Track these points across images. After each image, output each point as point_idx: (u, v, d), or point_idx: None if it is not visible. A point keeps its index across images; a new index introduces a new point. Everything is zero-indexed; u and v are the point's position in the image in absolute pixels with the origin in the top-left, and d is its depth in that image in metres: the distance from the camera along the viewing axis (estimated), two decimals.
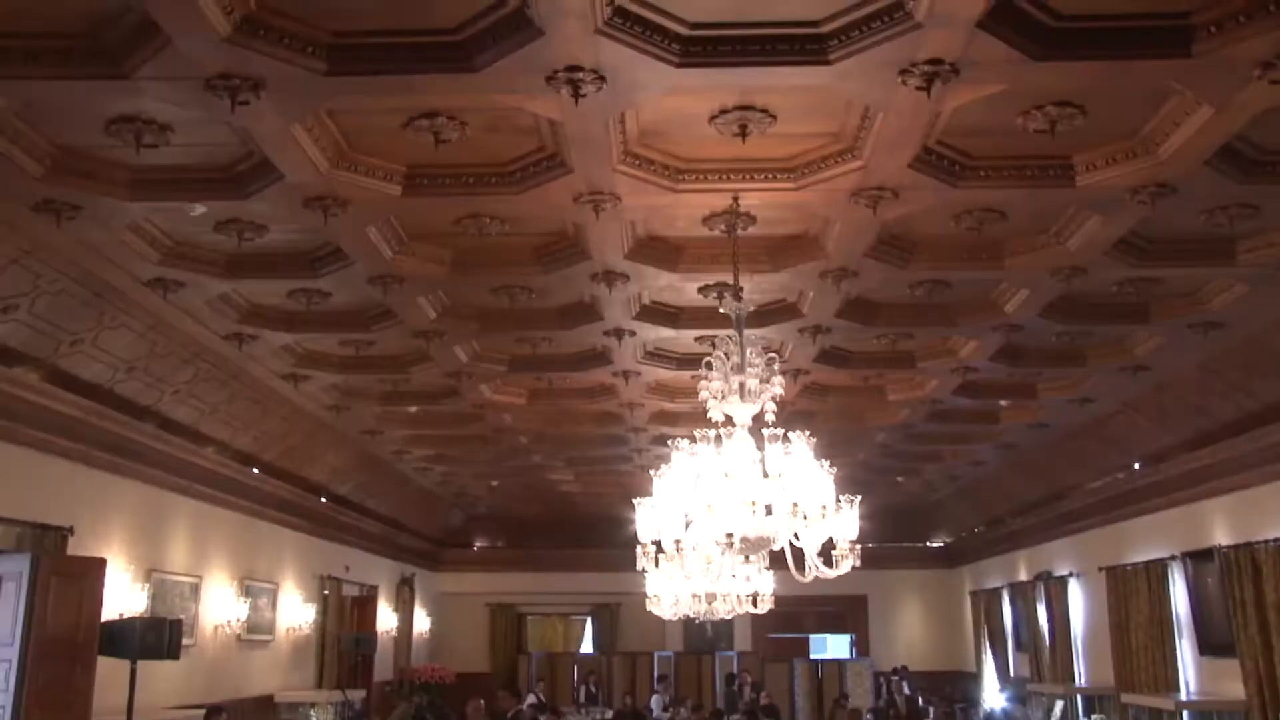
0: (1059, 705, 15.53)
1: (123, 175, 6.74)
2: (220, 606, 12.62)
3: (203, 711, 10.66)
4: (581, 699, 20.65)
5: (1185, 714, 11.97)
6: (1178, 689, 12.52)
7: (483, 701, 11.72)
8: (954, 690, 19.76)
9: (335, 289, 8.76)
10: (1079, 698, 15.09)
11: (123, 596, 10.22)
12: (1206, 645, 12.12)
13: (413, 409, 13.14)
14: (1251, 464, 10.86)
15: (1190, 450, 11.84)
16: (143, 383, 9.88)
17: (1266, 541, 10.57)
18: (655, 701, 18.39)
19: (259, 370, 10.97)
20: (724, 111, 5.99)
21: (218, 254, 8.15)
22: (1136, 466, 13.33)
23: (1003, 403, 12.69)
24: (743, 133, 6.09)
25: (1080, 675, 15.65)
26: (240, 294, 9.11)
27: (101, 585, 8.81)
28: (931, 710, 17.89)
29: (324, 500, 15.58)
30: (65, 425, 9.20)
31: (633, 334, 9.97)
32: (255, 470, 13.05)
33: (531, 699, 18.21)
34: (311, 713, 14.42)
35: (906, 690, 19.54)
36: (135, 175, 6.74)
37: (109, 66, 5.30)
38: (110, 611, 9.47)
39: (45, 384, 8.75)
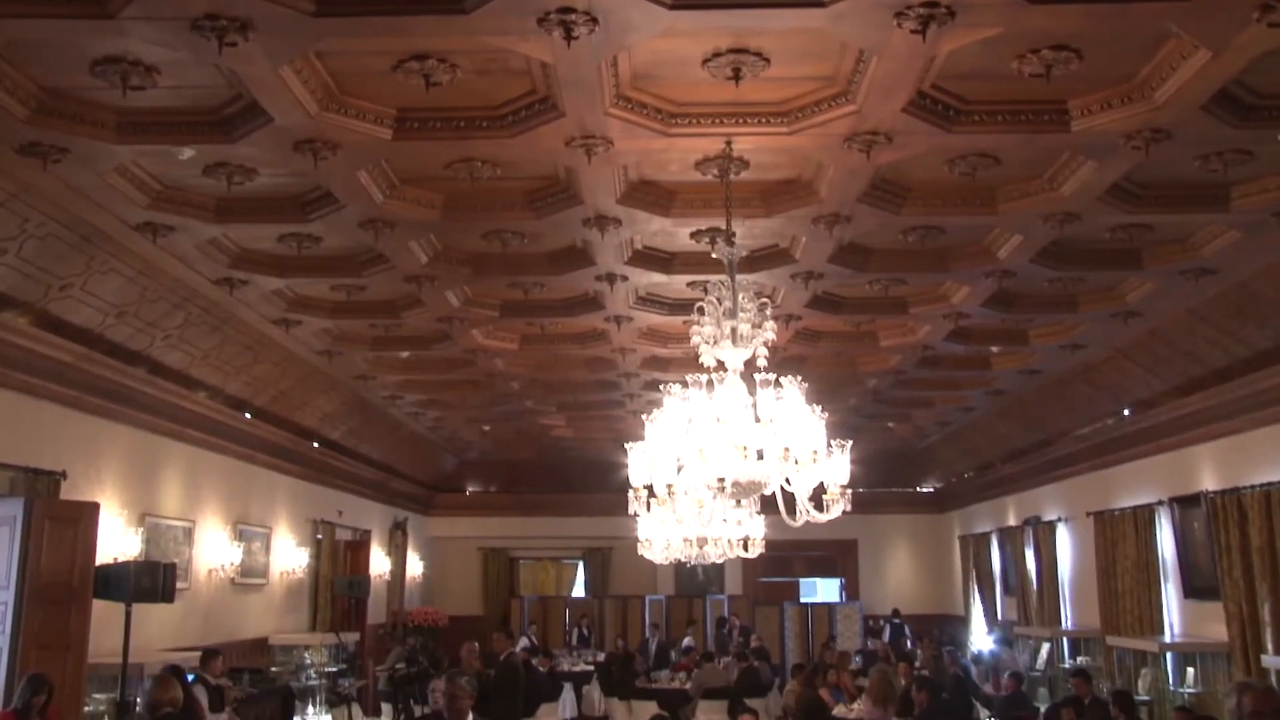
0: (1045, 648, 15.74)
1: (109, 117, 6.67)
2: (214, 550, 12.68)
3: (198, 654, 10.74)
4: (574, 642, 20.86)
5: (1169, 656, 12.14)
6: (1162, 632, 12.69)
7: (476, 644, 11.81)
8: (941, 633, 19.98)
9: (326, 233, 8.72)
10: (1065, 641, 15.29)
11: (117, 540, 10.26)
12: (1191, 589, 12.27)
13: (404, 354, 13.13)
14: (1240, 410, 10.93)
15: (1180, 396, 11.91)
16: (133, 328, 9.84)
17: (1253, 487, 10.67)
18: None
19: (250, 315, 10.94)
20: (717, 55, 5.94)
21: (207, 198, 8.09)
22: (1126, 412, 13.40)
23: (994, 349, 12.71)
24: (736, 76, 6.04)
25: (1066, 618, 15.84)
26: (230, 238, 9.06)
27: (95, 529, 8.84)
28: (919, 652, 18.08)
29: (316, 445, 15.61)
30: (56, 370, 9.19)
31: (625, 279, 9.95)
32: (247, 415, 13.06)
33: (524, 642, 18.42)
34: (306, 655, 14.55)
35: (895, 633, 19.80)
36: (122, 117, 6.68)
37: (93, 5, 5.24)
38: (104, 555, 9.51)
39: (35, 329, 8.71)
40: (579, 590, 24.14)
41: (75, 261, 8.51)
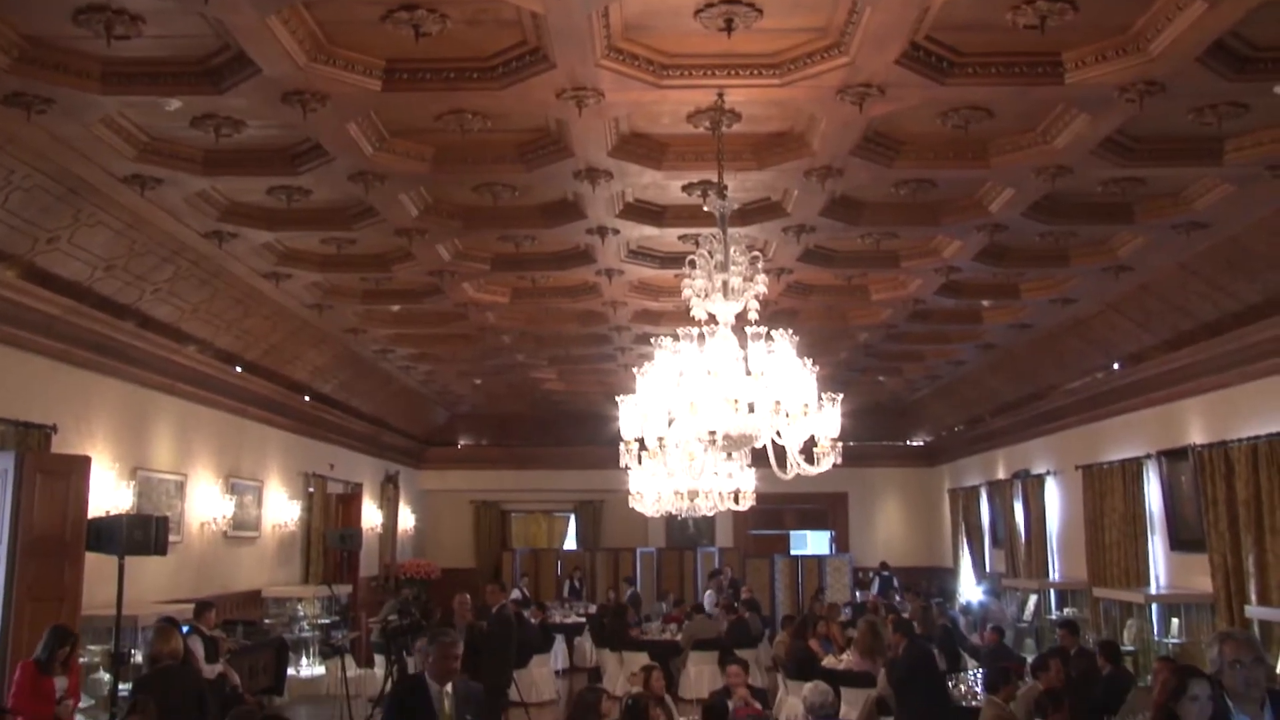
0: (1033, 599, 15.89)
1: (94, 67, 6.59)
2: (206, 504, 12.72)
3: (192, 606, 10.79)
4: (566, 594, 21.01)
5: (1154, 607, 12.27)
6: (1148, 583, 12.82)
7: (469, 596, 11.89)
8: (929, 585, 20.15)
9: (316, 186, 8.66)
10: (1052, 592, 15.44)
11: (109, 494, 10.28)
12: (1177, 541, 12.39)
13: (395, 308, 13.10)
14: (1229, 364, 10.97)
15: (1169, 351, 11.95)
16: (122, 281, 9.80)
17: (1240, 440, 10.74)
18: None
19: (240, 269, 10.89)
20: (709, 5, 5.88)
21: (195, 150, 8.02)
22: (1116, 367, 13.44)
23: (985, 303, 12.72)
24: (728, 27, 5.99)
25: (1054, 570, 15.98)
26: (219, 191, 8.99)
27: (87, 482, 8.86)
28: (907, 604, 18.24)
29: (307, 399, 15.62)
30: (45, 323, 9.16)
31: (616, 232, 9.92)
32: (238, 369, 13.04)
33: (516, 594, 18.54)
34: (299, 607, 14.64)
35: (884, 586, 19.97)
36: (107, 68, 6.60)
37: None
38: (96, 509, 9.53)
39: (23, 281, 8.67)
40: (570, 543, 24.28)
41: (62, 214, 8.45)
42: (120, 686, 9.04)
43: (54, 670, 7.61)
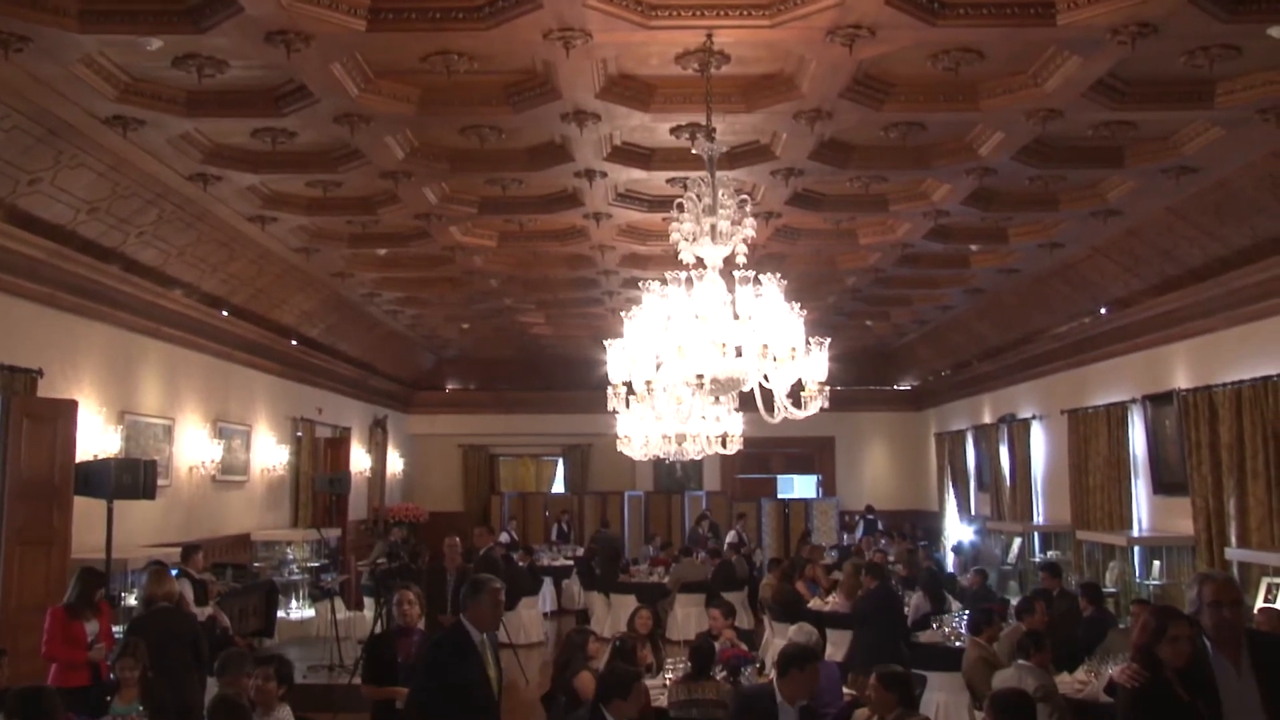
0: (1017, 542, 16.05)
1: (71, 4, 6.47)
2: (194, 448, 12.72)
3: (176, 548, 10.83)
4: (555, 537, 21.15)
5: (1136, 549, 12.41)
6: (1131, 526, 12.95)
7: (458, 539, 11.95)
8: (913, 528, 20.33)
9: (300, 128, 8.57)
10: (1036, 535, 15.59)
11: (96, 438, 10.27)
12: (1160, 484, 12.50)
13: (382, 251, 13.03)
14: (1215, 309, 11.01)
15: (1156, 295, 11.97)
16: (106, 224, 9.72)
17: (1225, 384, 10.81)
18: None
19: (225, 212, 10.80)
20: None
21: (177, 91, 7.92)
22: (1103, 311, 13.48)
23: (973, 247, 12.71)
24: None
25: (1038, 514, 16.13)
26: (202, 133, 8.89)
27: (74, 426, 8.86)
28: (892, 547, 18.43)
29: (294, 343, 15.58)
30: (28, 267, 9.09)
31: (604, 175, 9.86)
32: (224, 313, 12.99)
33: (504, 537, 18.66)
34: (288, 550, 14.71)
35: (869, 529, 20.15)
36: (84, 4, 6.48)
37: None
38: (84, 453, 9.54)
39: (5, 224, 8.59)
40: (558, 486, 24.40)
41: (43, 155, 8.36)
42: (113, 629, 9.09)
43: (84, 615, 7.64)
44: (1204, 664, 4.83)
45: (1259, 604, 9.54)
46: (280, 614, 13.61)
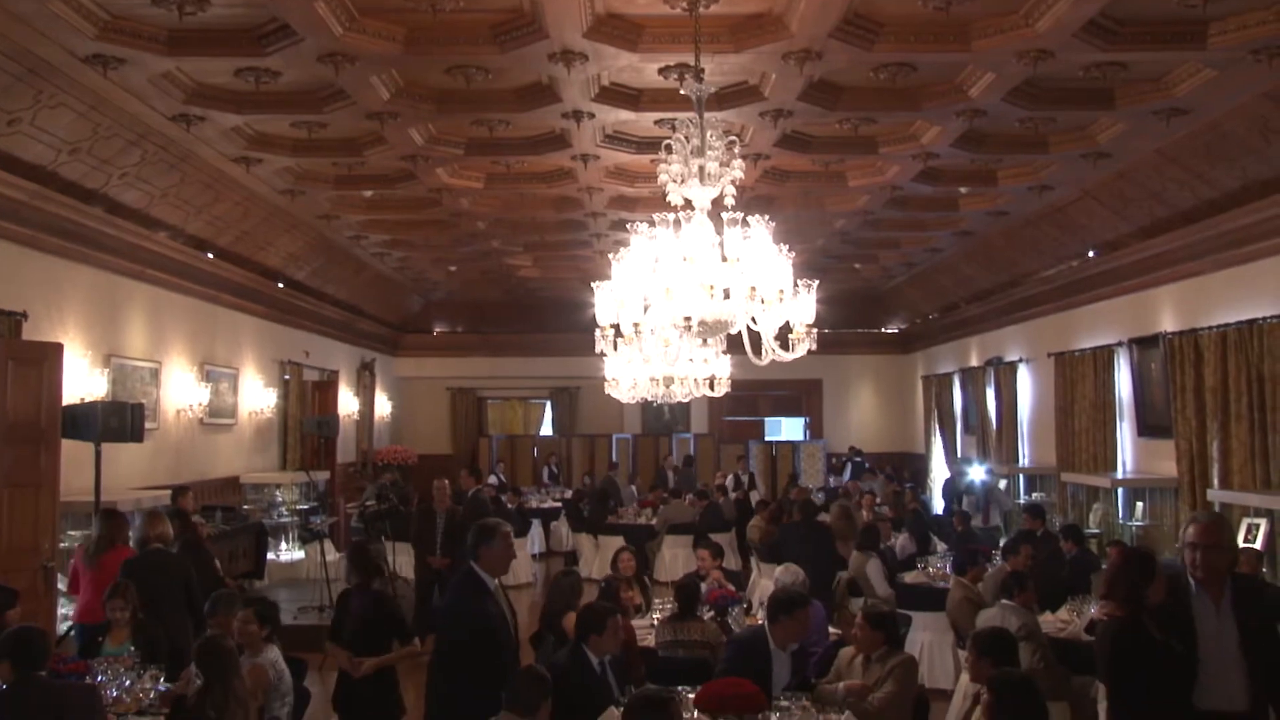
0: (1002, 484, 16.18)
1: None
2: (181, 391, 12.70)
3: (165, 491, 10.86)
4: (546, 479, 21.24)
5: (1120, 491, 12.53)
6: (1115, 468, 13.06)
7: (447, 481, 12.00)
8: (899, 470, 20.46)
9: (284, 68, 8.46)
10: (1021, 477, 15.71)
11: (83, 381, 10.24)
12: (1145, 427, 12.58)
13: (368, 193, 12.94)
14: (1203, 252, 11.02)
15: (1144, 238, 11.98)
16: (88, 165, 9.61)
17: (1210, 328, 10.85)
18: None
19: (209, 153, 10.69)
20: None
21: (158, 29, 7.79)
22: (1091, 254, 13.48)
23: (962, 189, 12.68)
24: None
25: (1024, 456, 16.24)
26: (184, 72, 8.77)
27: (60, 369, 8.81)
28: (874, 485, 18.57)
29: (281, 286, 15.51)
30: (10, 208, 8.99)
31: (591, 116, 9.78)
32: (210, 255, 12.91)
33: (493, 479, 18.74)
34: (277, 493, 14.75)
35: (856, 471, 20.29)
36: None
37: None
38: (71, 396, 9.51)
39: None
40: (547, 429, 24.47)
41: (22, 95, 8.23)
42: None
43: (106, 555, 7.76)
44: (1184, 602, 4.90)
45: (1239, 544, 9.66)
46: (270, 556, 13.70)
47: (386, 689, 6.89)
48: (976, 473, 16.68)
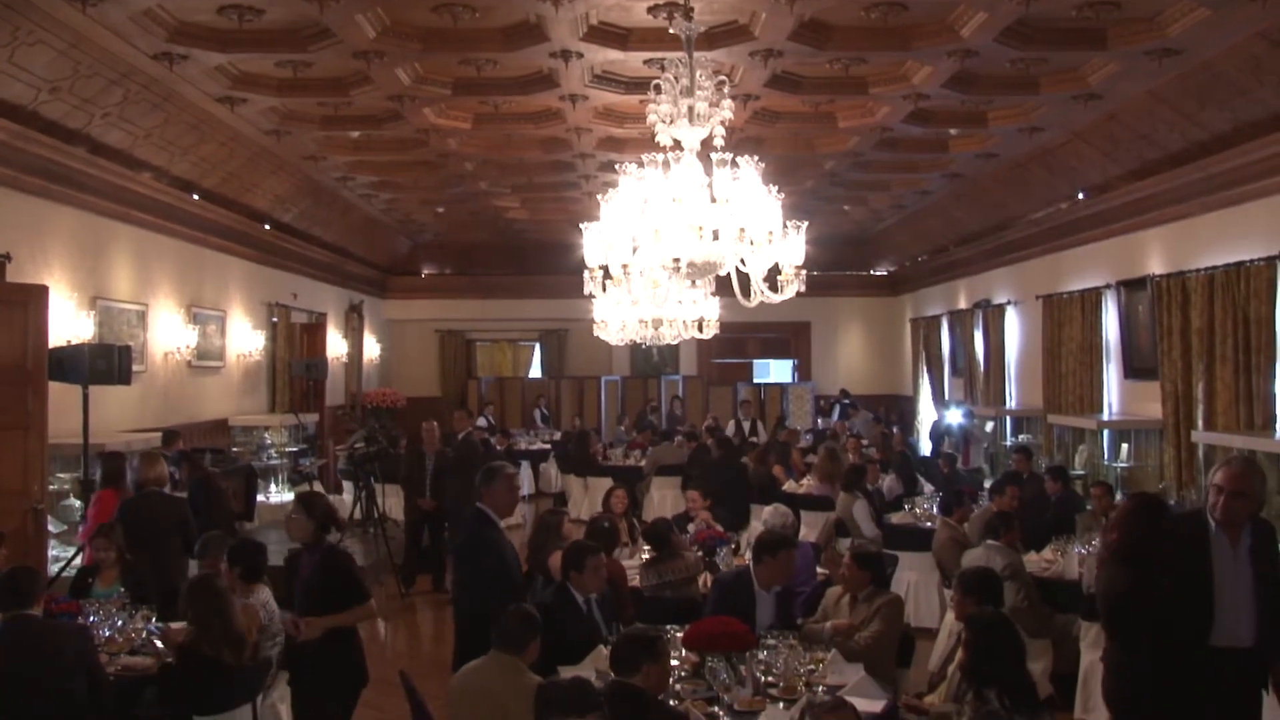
0: (989, 426, 16.26)
1: None
2: (168, 333, 12.66)
3: (158, 434, 10.86)
4: (539, 422, 21.30)
5: (1105, 433, 12.62)
6: (1101, 410, 13.14)
7: (436, 423, 12.03)
8: (888, 412, 20.55)
9: (268, 5, 8.34)
10: (1009, 419, 15.79)
11: (69, 323, 10.20)
12: (1131, 369, 12.65)
13: (355, 134, 12.81)
14: (1192, 194, 11.01)
15: (1134, 181, 11.95)
16: (69, 105, 9.48)
17: (1198, 270, 10.87)
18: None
19: (193, 93, 10.56)
20: None
21: None
22: (1080, 197, 13.46)
23: (952, 131, 12.61)
24: None
25: (1011, 398, 16.32)
26: (166, 9, 8.62)
27: (45, 311, 8.77)
28: (856, 423, 18.68)
29: (267, 228, 15.41)
30: None
31: (580, 56, 9.67)
32: (195, 197, 12.80)
33: (482, 422, 18.78)
34: (266, 435, 14.77)
35: (843, 413, 20.37)
36: None
37: None
38: (58, 338, 9.48)
39: None
40: (535, 371, 24.49)
41: (0, 31, 8.11)
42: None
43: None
44: (1202, 542, 4.96)
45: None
46: (260, 498, 13.74)
47: (343, 653, 6.05)
48: (954, 416, 16.78)
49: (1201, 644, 4.90)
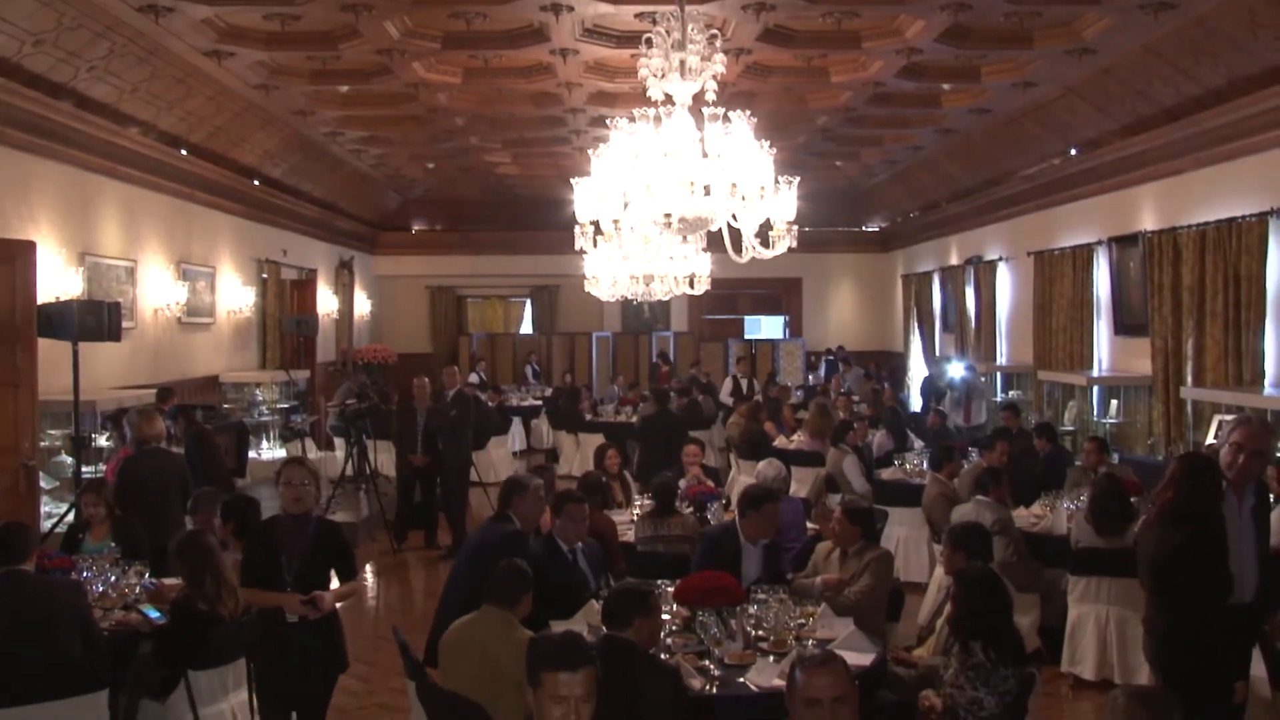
0: (984, 380, 16.30)
1: None
2: (158, 290, 12.60)
3: (149, 391, 10.85)
4: (530, 379, 21.31)
5: (1095, 388, 12.66)
6: (1091, 366, 13.18)
7: (427, 379, 12.03)
8: (879, 368, 20.57)
9: None
10: (999, 375, 15.84)
11: (57, 280, 10.15)
12: (1121, 325, 12.68)
13: (344, 88, 12.71)
14: (1185, 150, 10.98)
15: (1127, 136, 11.92)
16: (54, 58, 9.37)
17: (1190, 226, 10.87)
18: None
19: (179, 46, 10.45)
20: None
21: None
22: (1073, 152, 13.42)
23: (945, 86, 12.54)
24: None
25: (1002, 354, 16.36)
26: None
27: (33, 267, 8.70)
28: (847, 379, 18.69)
29: (257, 183, 15.31)
30: None
31: (571, 9, 9.58)
32: (183, 152, 12.70)
33: (474, 378, 18.79)
34: (257, 392, 14.76)
35: (830, 370, 20.41)
36: None
37: None
38: (46, 295, 9.42)
39: None
40: (526, 327, 24.47)
41: None
42: (83, 469, 9.17)
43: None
44: (1214, 498, 4.97)
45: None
46: (251, 454, 13.76)
47: (333, 633, 5.56)
48: (956, 369, 16.76)
49: (1227, 601, 4.96)
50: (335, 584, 5.61)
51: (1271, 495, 7.25)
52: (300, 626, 5.34)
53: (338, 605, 5.55)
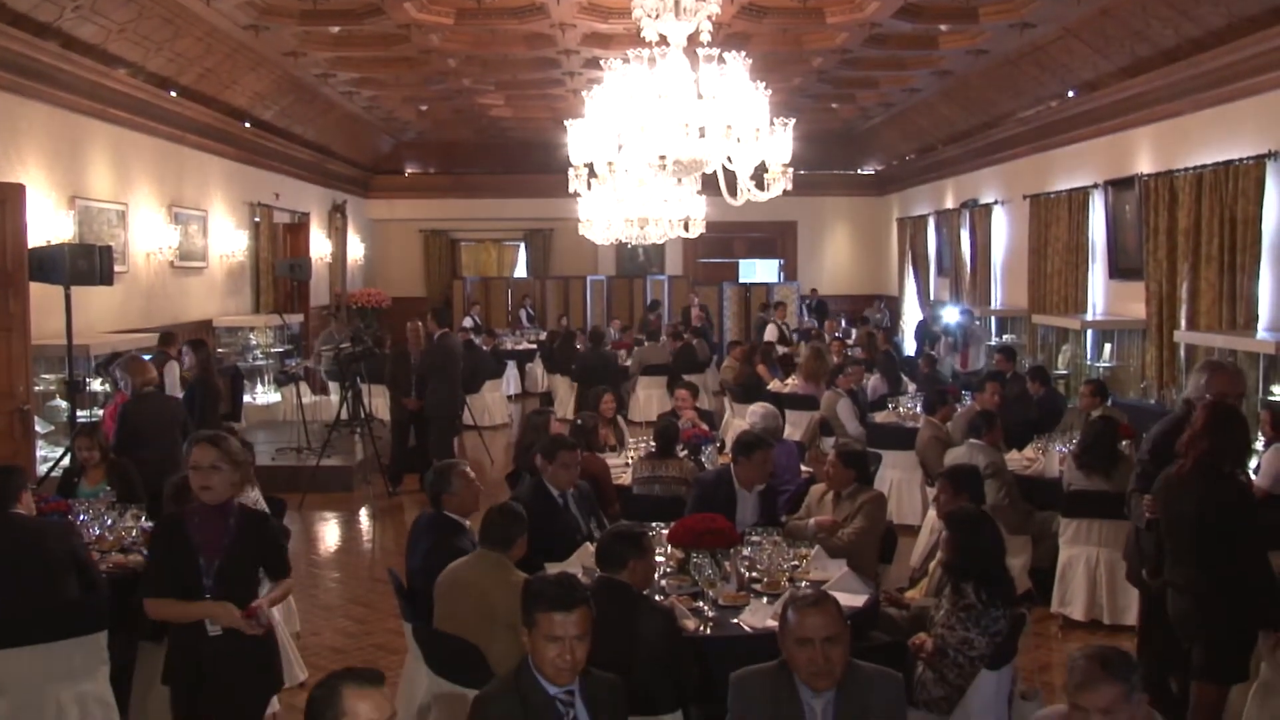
0: (975, 324, 16.32)
1: None
2: (150, 233, 12.53)
3: (142, 335, 10.83)
4: (525, 323, 21.30)
5: (1089, 332, 12.68)
6: (1085, 310, 13.18)
7: (420, 323, 12.01)
8: (875, 310, 20.59)
9: None
10: (993, 319, 15.84)
11: (48, 223, 10.08)
12: (1116, 269, 12.67)
13: (335, 29, 12.55)
14: (1183, 92, 10.90)
15: (1125, 78, 11.82)
16: None
17: (1186, 169, 10.81)
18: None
19: None
20: None
21: None
22: (1070, 95, 13.32)
23: (943, 27, 12.41)
24: None
25: (996, 298, 16.35)
26: None
27: (23, 210, 8.65)
28: (842, 324, 18.70)
29: (248, 126, 15.16)
30: None
31: None
32: (173, 94, 12.56)
33: (468, 322, 18.78)
34: (251, 336, 14.74)
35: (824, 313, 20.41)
36: None
37: None
38: (37, 238, 9.37)
39: None
40: (520, 271, 24.42)
41: None
42: (78, 414, 9.18)
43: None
44: (1249, 445, 4.96)
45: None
46: (246, 399, 13.78)
47: (265, 647, 4.42)
48: (952, 314, 16.77)
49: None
50: (265, 588, 4.59)
51: (1264, 438, 7.35)
52: (226, 639, 4.22)
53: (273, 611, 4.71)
